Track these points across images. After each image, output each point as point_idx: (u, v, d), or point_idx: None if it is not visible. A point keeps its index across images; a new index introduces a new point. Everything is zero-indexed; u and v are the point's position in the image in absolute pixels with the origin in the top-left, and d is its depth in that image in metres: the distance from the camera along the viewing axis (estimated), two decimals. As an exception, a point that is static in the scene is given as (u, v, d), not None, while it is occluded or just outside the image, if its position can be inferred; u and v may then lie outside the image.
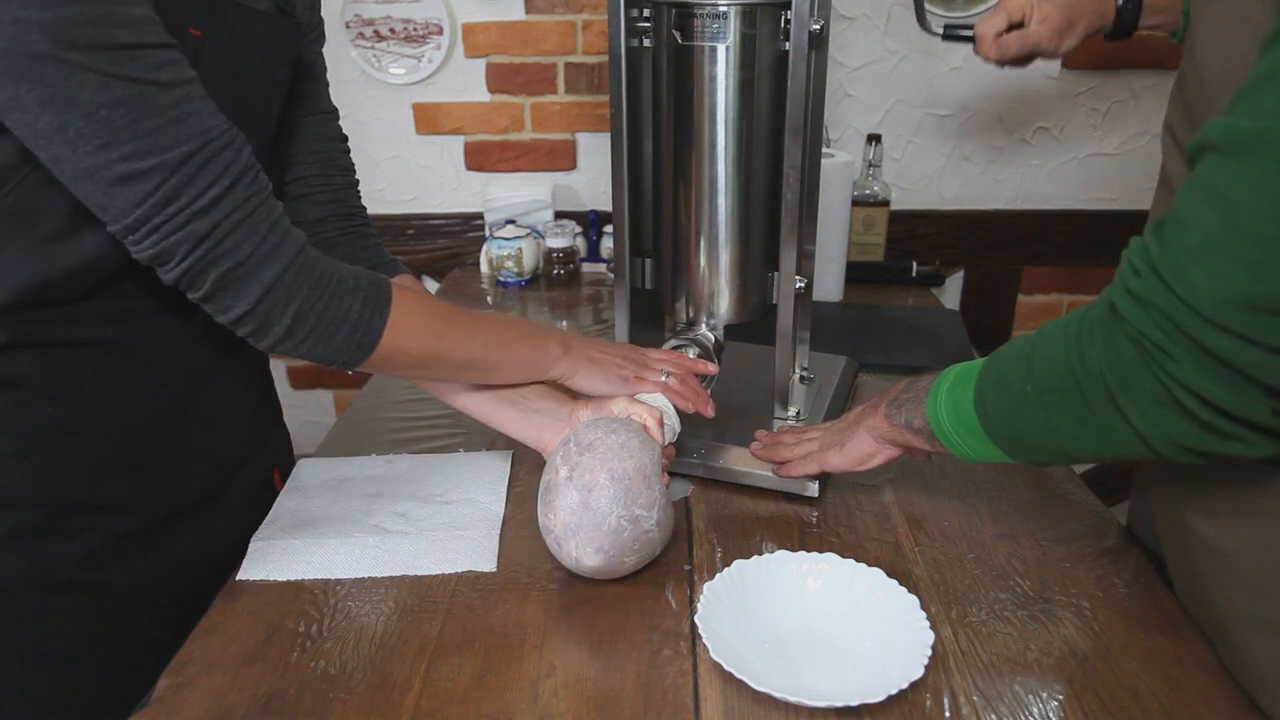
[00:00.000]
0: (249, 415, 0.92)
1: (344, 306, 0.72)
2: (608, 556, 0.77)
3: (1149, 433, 0.59)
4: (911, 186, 1.72)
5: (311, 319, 0.70)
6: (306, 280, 0.70)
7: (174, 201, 0.63)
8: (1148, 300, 0.56)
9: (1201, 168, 0.54)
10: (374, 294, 0.74)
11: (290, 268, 0.69)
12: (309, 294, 0.70)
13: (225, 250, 0.66)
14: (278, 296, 0.68)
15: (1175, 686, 0.70)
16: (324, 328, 0.71)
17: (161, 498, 0.82)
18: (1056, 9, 1.06)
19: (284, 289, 0.69)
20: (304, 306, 0.70)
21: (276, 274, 0.68)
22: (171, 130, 0.62)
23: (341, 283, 0.72)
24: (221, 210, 0.65)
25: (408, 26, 1.63)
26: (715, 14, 0.86)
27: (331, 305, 0.71)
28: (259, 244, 0.67)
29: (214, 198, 0.64)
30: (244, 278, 0.67)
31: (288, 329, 0.70)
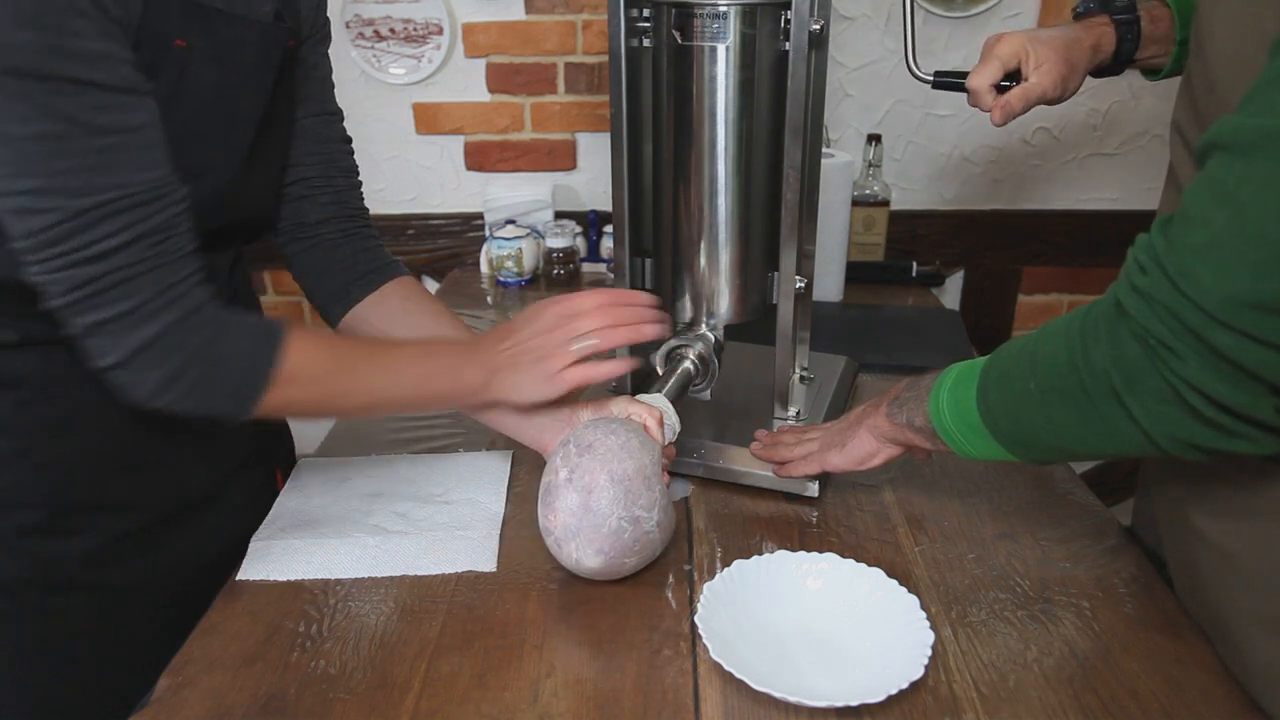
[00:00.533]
0: None
1: (223, 370, 0.69)
2: (608, 558, 0.77)
3: (1153, 429, 0.59)
4: (911, 186, 1.72)
5: (184, 383, 0.67)
6: (187, 344, 0.67)
7: (61, 244, 0.61)
8: (1153, 297, 0.56)
9: (1211, 166, 0.54)
10: (260, 352, 0.71)
11: (170, 331, 0.66)
12: (186, 359, 0.67)
13: (103, 302, 0.64)
14: (149, 357, 0.66)
15: (1175, 686, 0.70)
16: (198, 392, 0.68)
17: (162, 497, 0.82)
18: (1053, 51, 0.94)
19: (158, 351, 0.66)
20: (177, 370, 0.67)
21: (152, 336, 0.65)
22: (84, 176, 0.61)
23: (224, 345, 0.69)
24: (106, 265, 0.63)
25: (408, 26, 1.63)
26: (715, 14, 0.86)
27: (209, 370, 0.68)
28: (141, 304, 0.65)
29: (102, 251, 0.62)
30: (118, 332, 0.65)
31: (156, 389, 0.67)
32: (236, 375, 0.70)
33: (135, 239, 0.64)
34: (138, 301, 0.65)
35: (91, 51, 0.59)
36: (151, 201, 0.64)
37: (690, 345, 0.96)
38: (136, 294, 0.64)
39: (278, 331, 0.72)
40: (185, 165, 0.71)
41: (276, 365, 0.71)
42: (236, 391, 0.70)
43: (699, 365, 0.96)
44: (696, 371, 0.96)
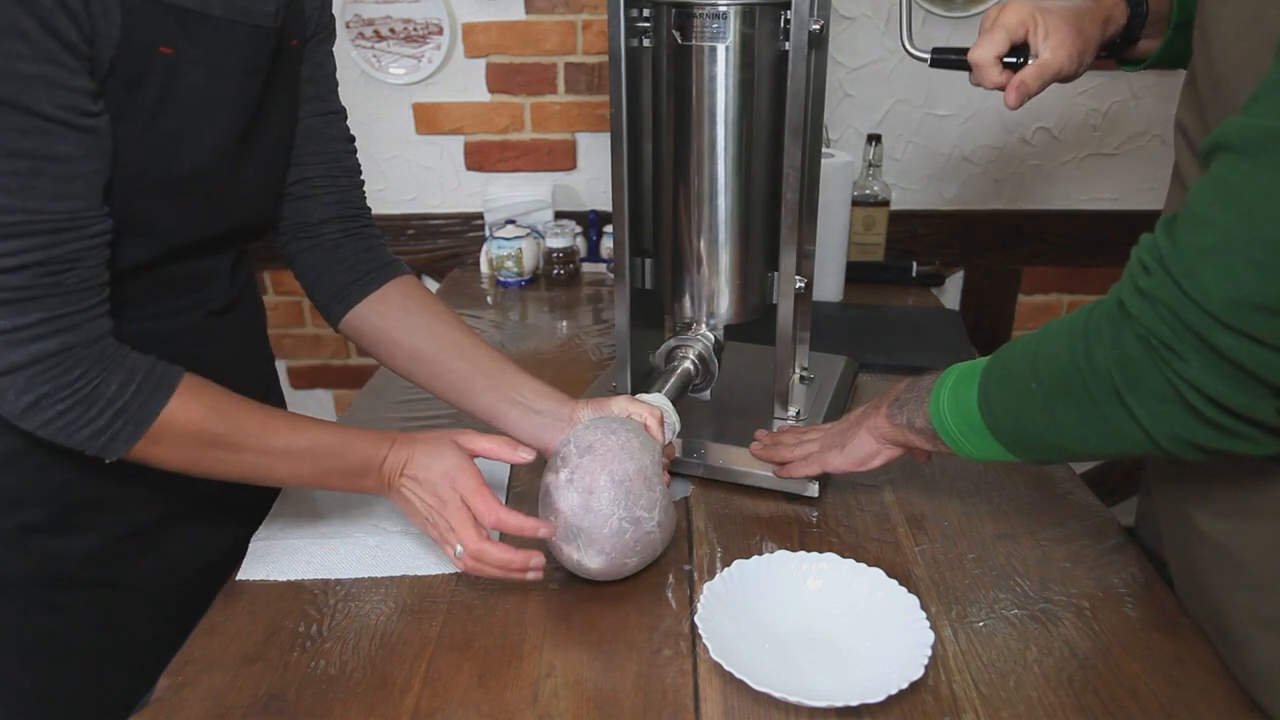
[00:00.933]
0: None
1: (93, 411, 0.67)
2: (609, 559, 0.77)
3: (1155, 429, 0.59)
4: (911, 186, 1.72)
5: (49, 413, 0.66)
6: (62, 377, 0.65)
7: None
8: (1157, 298, 0.56)
9: (1216, 167, 0.54)
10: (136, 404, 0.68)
11: (41, 362, 0.64)
12: (55, 389, 0.65)
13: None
14: (19, 380, 0.64)
15: (1175, 686, 0.70)
16: (62, 424, 0.66)
17: (163, 497, 0.82)
18: (1063, 22, 0.85)
19: (29, 375, 0.64)
20: (42, 402, 0.65)
21: (26, 359, 0.64)
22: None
23: (102, 386, 0.67)
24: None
25: (408, 26, 1.63)
26: (715, 14, 0.86)
27: (77, 406, 0.66)
28: (23, 326, 0.63)
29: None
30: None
31: (22, 412, 0.66)
32: (104, 420, 0.67)
33: (34, 264, 0.62)
34: (20, 323, 0.63)
35: (24, 74, 0.59)
36: (60, 231, 0.63)
37: (690, 345, 0.96)
38: (20, 316, 0.63)
39: (167, 385, 0.70)
40: (178, 170, 0.71)
41: (149, 421, 0.69)
42: (99, 435, 0.67)
43: (699, 365, 0.96)
44: (696, 371, 0.96)
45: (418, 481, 0.77)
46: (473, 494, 0.76)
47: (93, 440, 0.67)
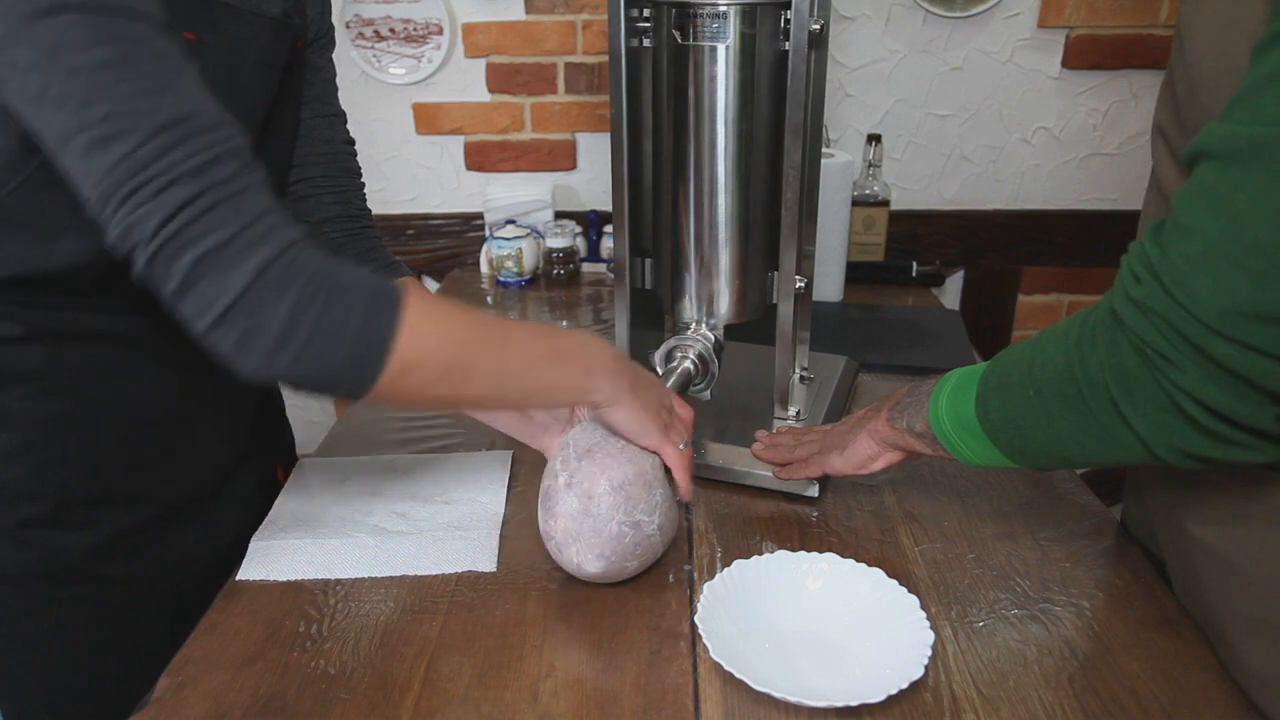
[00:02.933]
0: (253, 410, 0.92)
1: (344, 305, 0.61)
2: (609, 562, 0.77)
3: (1151, 438, 0.59)
4: (911, 186, 1.72)
5: (308, 322, 0.59)
6: (302, 273, 0.59)
7: (148, 167, 0.56)
8: (1150, 307, 0.55)
9: (1200, 174, 0.54)
10: (382, 289, 0.63)
11: (283, 256, 0.59)
12: (305, 289, 0.59)
13: (203, 229, 0.57)
14: (268, 286, 0.58)
15: (1175, 686, 0.70)
16: (323, 334, 0.60)
17: (168, 491, 0.82)
18: None
19: (275, 278, 0.58)
20: (300, 304, 0.59)
21: (266, 260, 0.58)
22: (155, 97, 0.57)
23: (342, 280, 0.62)
24: (202, 182, 0.57)
25: (408, 26, 1.63)
26: (715, 14, 0.86)
27: (332, 305, 0.60)
28: (245, 226, 0.58)
29: (194, 168, 0.57)
30: (226, 264, 0.57)
31: (281, 334, 0.59)
32: (358, 319, 0.61)
33: (220, 157, 0.58)
34: (241, 224, 0.58)
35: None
36: (222, 126, 0.60)
37: (690, 345, 0.96)
38: (238, 215, 0.58)
39: (391, 281, 0.66)
40: None
41: (399, 309, 0.62)
42: (360, 339, 0.61)
43: (699, 365, 0.96)
44: (696, 371, 0.96)
45: (638, 373, 0.79)
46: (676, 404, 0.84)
47: (354, 349, 0.61)
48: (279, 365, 0.60)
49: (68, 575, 0.76)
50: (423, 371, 0.64)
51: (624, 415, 0.77)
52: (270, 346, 0.59)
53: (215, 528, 0.87)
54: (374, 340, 0.62)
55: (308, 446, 1.08)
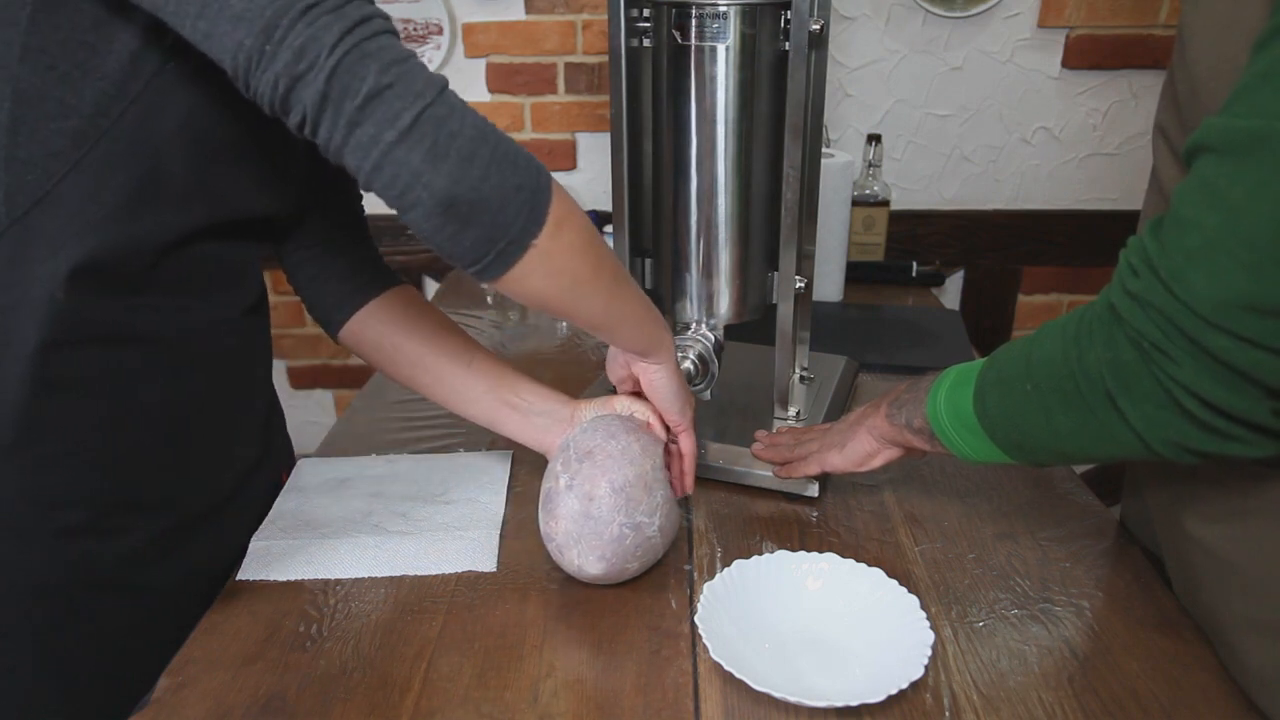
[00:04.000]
0: (263, 416, 0.92)
1: (508, 137, 0.62)
2: (610, 564, 0.77)
3: (1148, 433, 0.59)
4: (911, 186, 1.72)
5: (492, 133, 0.61)
6: (467, 107, 0.61)
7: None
8: (1147, 301, 0.56)
9: (1199, 168, 0.54)
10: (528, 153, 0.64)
11: (449, 88, 0.61)
12: (477, 114, 0.61)
13: (385, 44, 0.57)
14: (450, 102, 0.59)
15: (1175, 686, 0.70)
16: (505, 148, 0.61)
17: (195, 496, 0.82)
18: None
19: (453, 98, 0.60)
20: (479, 120, 0.60)
21: (443, 82, 0.60)
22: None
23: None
24: (369, 8, 0.57)
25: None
26: (715, 14, 0.86)
27: (502, 139, 0.62)
28: (411, 54, 0.59)
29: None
30: (412, 75, 0.58)
31: (472, 138, 0.59)
32: (524, 156, 0.62)
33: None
34: (407, 50, 0.59)
35: None
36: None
37: (690, 345, 0.96)
38: (401, 46, 0.59)
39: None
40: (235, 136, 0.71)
41: (544, 167, 0.64)
42: (531, 161, 0.62)
43: (699, 365, 0.96)
44: (696, 371, 0.96)
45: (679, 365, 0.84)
46: None
47: (527, 181, 0.62)
48: (469, 177, 0.59)
49: (98, 584, 0.76)
50: (574, 230, 0.65)
51: (671, 381, 0.82)
52: (461, 157, 0.58)
53: (230, 534, 0.87)
54: (541, 174, 0.63)
55: (308, 446, 1.08)
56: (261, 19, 0.55)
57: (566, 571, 0.80)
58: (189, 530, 0.82)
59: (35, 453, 0.71)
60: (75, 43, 0.62)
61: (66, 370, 0.71)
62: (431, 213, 0.59)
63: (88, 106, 0.64)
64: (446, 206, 0.59)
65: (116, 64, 0.63)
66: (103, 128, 0.65)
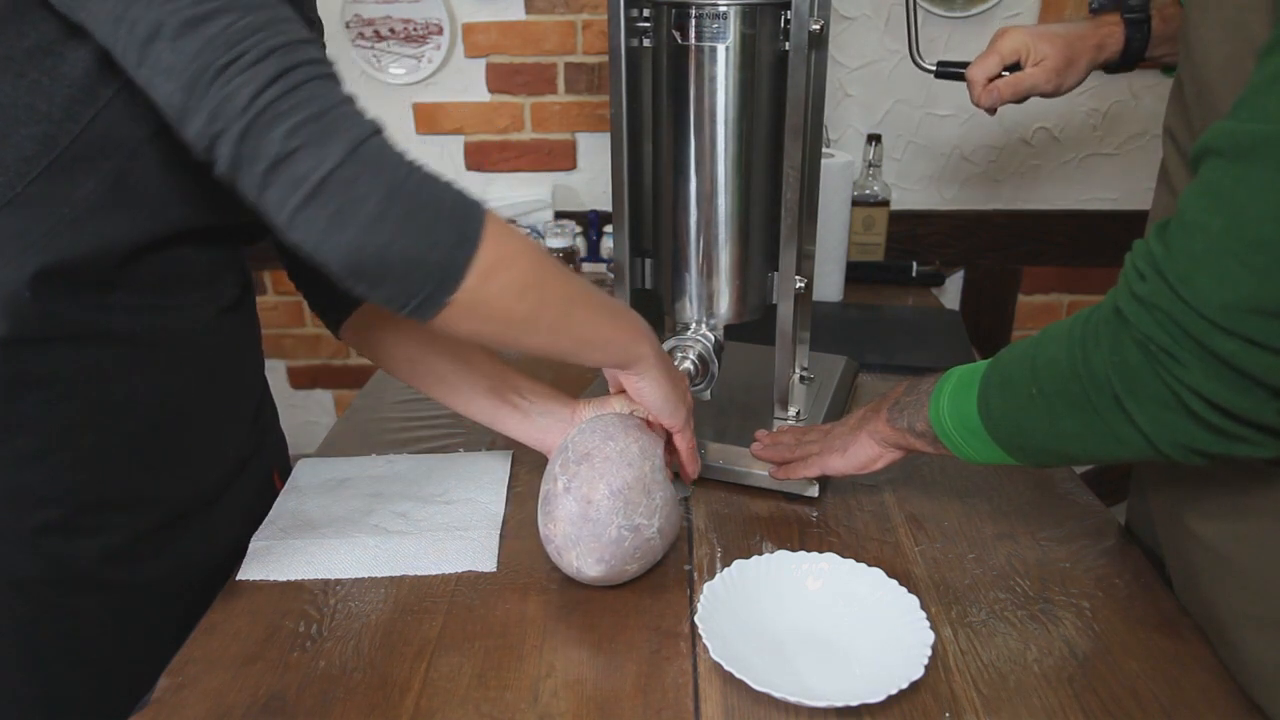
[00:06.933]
0: (252, 414, 0.92)
1: (437, 187, 0.60)
2: (609, 566, 0.77)
3: (1156, 435, 0.59)
4: (911, 186, 1.72)
5: (406, 196, 0.58)
6: (394, 154, 0.59)
7: (243, 41, 0.55)
8: (1153, 304, 0.56)
9: (1205, 172, 0.54)
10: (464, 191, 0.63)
11: (376, 136, 0.59)
12: (399, 168, 0.59)
13: (298, 100, 0.56)
14: (365, 159, 0.57)
15: (1175, 686, 0.70)
16: (422, 208, 0.59)
17: (177, 494, 0.82)
18: (1055, 47, 0.93)
19: (371, 153, 0.58)
20: (396, 179, 0.58)
21: (361, 136, 0.58)
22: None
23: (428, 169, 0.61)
24: (296, 57, 0.56)
25: (408, 26, 1.63)
26: (715, 14, 0.86)
27: (425, 186, 0.60)
28: (337, 104, 0.58)
29: (287, 44, 0.57)
30: (323, 135, 0.56)
31: (380, 203, 0.57)
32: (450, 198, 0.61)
33: (309, 42, 0.59)
34: (332, 101, 0.58)
35: None
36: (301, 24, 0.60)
37: (690, 345, 0.96)
38: (328, 94, 0.58)
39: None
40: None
41: (485, 209, 0.62)
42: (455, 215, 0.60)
43: (699, 365, 0.96)
44: (696, 371, 0.96)
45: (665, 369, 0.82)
46: None
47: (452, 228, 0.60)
48: (375, 243, 0.58)
49: (78, 581, 0.76)
50: (507, 275, 0.63)
51: (657, 390, 0.81)
52: (368, 221, 0.57)
53: (217, 532, 0.87)
54: (466, 227, 0.61)
55: (308, 446, 1.08)
56: (185, 75, 0.56)
57: (565, 573, 0.80)
58: (172, 528, 0.82)
59: (9, 450, 0.71)
60: (42, 51, 0.63)
61: (37, 368, 0.71)
62: (340, 275, 0.60)
63: (58, 112, 0.64)
64: (352, 271, 0.59)
65: (85, 70, 0.63)
66: (73, 132, 0.65)
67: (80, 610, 0.77)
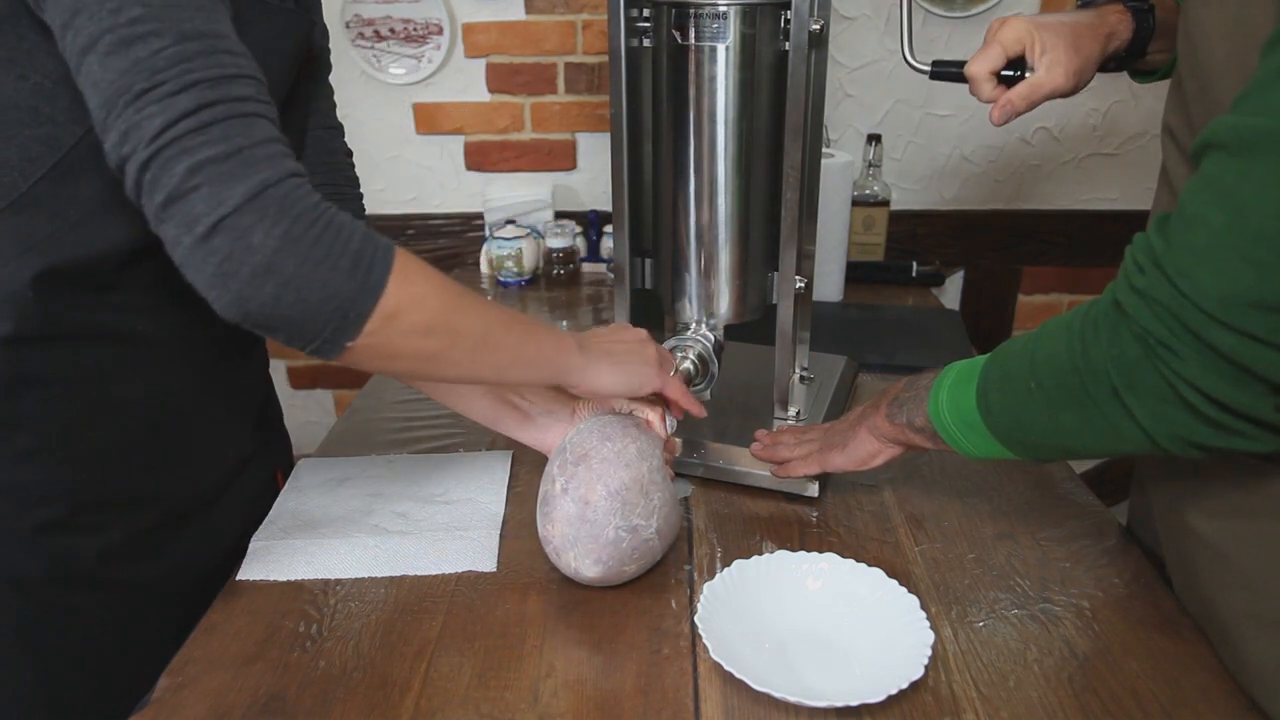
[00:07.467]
0: (255, 413, 0.92)
1: (339, 240, 0.58)
2: (607, 567, 0.77)
3: (1154, 428, 0.59)
4: (911, 186, 1.72)
5: (299, 251, 0.56)
6: (299, 203, 0.57)
7: (165, 70, 0.55)
8: (1152, 297, 0.56)
9: (1207, 166, 0.54)
10: (375, 237, 0.62)
11: (284, 182, 0.57)
12: (300, 219, 0.57)
13: (207, 138, 0.55)
14: (263, 207, 0.55)
15: (1175, 686, 0.70)
16: (313, 265, 0.57)
17: (177, 493, 0.82)
18: (1060, 39, 0.84)
19: (272, 201, 0.56)
20: (293, 231, 0.56)
21: (265, 181, 0.56)
22: (188, 10, 0.56)
23: (338, 218, 0.60)
24: (216, 93, 0.55)
25: (408, 26, 1.63)
26: (715, 14, 0.86)
27: (325, 238, 0.58)
28: (251, 145, 0.56)
29: (212, 78, 0.56)
30: (223, 177, 0.55)
31: (269, 259, 0.56)
32: (355, 246, 0.59)
33: (241, 76, 0.58)
34: (248, 140, 0.56)
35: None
36: (246, 58, 0.59)
37: (690, 345, 0.96)
38: (247, 132, 0.56)
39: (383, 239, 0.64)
40: None
41: (393, 251, 0.61)
42: (356, 266, 0.59)
43: (699, 365, 0.96)
44: (696, 371, 0.96)
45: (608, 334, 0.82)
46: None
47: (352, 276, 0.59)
48: (259, 299, 0.57)
49: (78, 580, 0.76)
50: (412, 318, 0.62)
51: (609, 379, 0.79)
52: (252, 274, 0.56)
53: (218, 531, 0.87)
54: (367, 278, 0.59)
55: (308, 446, 1.08)
56: (107, 93, 0.55)
57: (564, 574, 0.80)
58: (173, 527, 0.82)
59: (9, 449, 0.72)
60: (43, 53, 0.63)
61: (38, 367, 0.71)
62: (230, 319, 0.59)
63: (61, 115, 0.65)
64: (240, 319, 0.58)
65: None
66: (76, 134, 0.65)
67: (80, 609, 0.77)
